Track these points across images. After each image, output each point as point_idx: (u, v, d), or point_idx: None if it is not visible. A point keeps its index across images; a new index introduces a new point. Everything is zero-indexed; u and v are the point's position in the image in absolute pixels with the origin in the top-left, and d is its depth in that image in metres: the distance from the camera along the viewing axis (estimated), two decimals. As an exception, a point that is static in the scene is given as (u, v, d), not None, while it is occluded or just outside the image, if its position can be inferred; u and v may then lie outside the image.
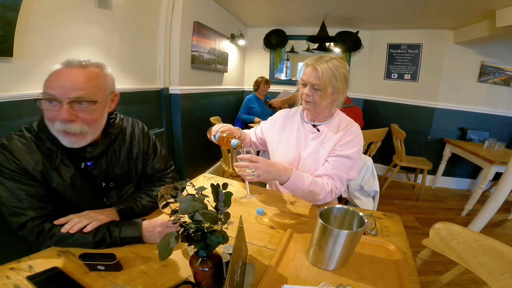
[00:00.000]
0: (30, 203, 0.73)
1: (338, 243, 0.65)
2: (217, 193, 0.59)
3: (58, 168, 0.78)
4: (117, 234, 0.75)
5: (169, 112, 2.46)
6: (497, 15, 2.22)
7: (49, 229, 0.73)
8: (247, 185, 1.06)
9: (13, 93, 1.21)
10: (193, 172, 2.80)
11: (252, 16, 3.43)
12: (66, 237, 0.72)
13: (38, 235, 0.73)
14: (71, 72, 0.73)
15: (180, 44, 2.32)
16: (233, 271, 0.51)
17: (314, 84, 1.00)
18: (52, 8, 1.33)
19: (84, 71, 0.75)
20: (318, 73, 0.98)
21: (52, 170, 0.77)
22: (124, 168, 0.93)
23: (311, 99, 1.03)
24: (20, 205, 0.72)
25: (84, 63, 0.76)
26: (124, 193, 0.95)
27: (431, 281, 0.86)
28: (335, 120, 1.12)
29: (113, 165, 0.90)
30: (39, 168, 0.75)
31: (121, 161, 0.92)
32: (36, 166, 0.75)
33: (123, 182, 0.94)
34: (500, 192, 2.03)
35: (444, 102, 3.26)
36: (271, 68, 4.03)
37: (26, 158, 0.74)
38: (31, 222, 0.73)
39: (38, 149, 0.76)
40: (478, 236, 0.76)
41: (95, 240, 0.73)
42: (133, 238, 0.76)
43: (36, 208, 0.74)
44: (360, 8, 2.80)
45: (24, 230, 0.73)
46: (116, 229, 0.75)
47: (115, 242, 0.74)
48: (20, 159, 0.73)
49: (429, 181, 3.42)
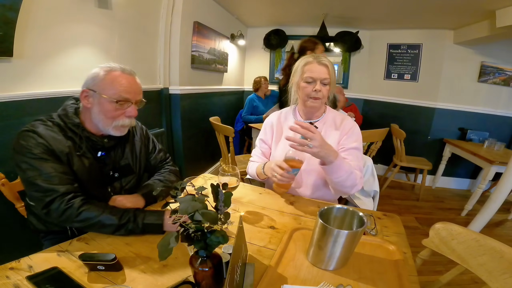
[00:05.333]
0: (60, 179, 0.79)
1: (338, 243, 0.65)
2: (217, 193, 0.59)
3: (82, 154, 0.87)
4: (141, 220, 0.80)
5: (169, 112, 2.46)
6: (497, 15, 2.22)
7: (78, 206, 0.78)
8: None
9: (13, 93, 1.21)
10: (193, 172, 2.80)
11: (252, 16, 3.43)
12: (93, 216, 0.77)
13: (64, 212, 0.77)
14: (134, 79, 0.90)
15: (180, 44, 2.32)
16: (233, 271, 0.51)
17: (324, 79, 1.04)
18: (52, 8, 1.33)
19: (137, 78, 0.92)
20: (328, 68, 1.04)
21: (76, 155, 0.86)
22: (127, 160, 1.02)
23: (321, 95, 1.05)
24: (50, 182, 0.78)
25: (132, 71, 0.92)
26: (126, 183, 1.02)
27: (431, 281, 0.86)
28: (328, 115, 1.14)
29: (119, 157, 0.99)
30: (66, 151, 0.83)
31: (125, 153, 1.01)
32: (63, 148, 0.83)
33: (125, 173, 1.02)
34: (500, 192, 2.03)
35: (444, 102, 3.26)
36: (271, 68, 4.03)
37: (54, 141, 0.82)
38: (60, 197, 0.77)
39: (64, 135, 0.85)
40: (478, 236, 0.76)
41: (120, 223, 0.78)
42: (155, 225, 0.80)
43: (65, 183, 0.80)
44: (360, 8, 2.80)
45: (51, 207, 0.77)
46: (141, 215, 0.81)
47: (136, 228, 0.79)
48: (48, 140, 0.81)
49: (429, 181, 3.42)
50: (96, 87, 0.84)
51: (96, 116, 0.86)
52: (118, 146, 0.99)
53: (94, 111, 0.86)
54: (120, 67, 0.88)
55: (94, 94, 0.84)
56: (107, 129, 0.88)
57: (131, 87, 0.87)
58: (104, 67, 0.86)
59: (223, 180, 0.91)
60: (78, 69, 1.52)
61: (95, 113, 0.86)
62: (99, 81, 0.84)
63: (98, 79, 0.84)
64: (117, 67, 0.87)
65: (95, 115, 0.86)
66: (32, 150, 0.78)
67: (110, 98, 0.84)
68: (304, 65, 1.08)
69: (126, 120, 0.89)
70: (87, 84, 0.86)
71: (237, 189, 0.97)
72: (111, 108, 0.85)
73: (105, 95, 0.83)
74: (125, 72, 0.88)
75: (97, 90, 0.84)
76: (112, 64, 0.88)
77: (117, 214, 0.79)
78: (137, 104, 0.91)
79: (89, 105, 0.86)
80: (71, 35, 1.45)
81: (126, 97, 0.86)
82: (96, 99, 0.85)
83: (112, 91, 0.84)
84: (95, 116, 0.86)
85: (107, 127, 0.87)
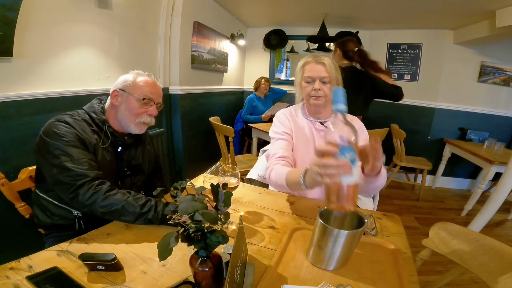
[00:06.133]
0: (90, 165, 0.86)
1: (338, 243, 0.65)
2: (217, 193, 0.59)
3: (105, 147, 0.97)
4: (161, 211, 0.84)
5: (169, 112, 2.46)
6: (497, 15, 2.22)
7: (105, 191, 0.83)
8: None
9: (13, 93, 1.21)
10: (193, 172, 2.80)
11: (252, 16, 3.43)
12: (118, 202, 0.82)
13: (91, 196, 0.82)
14: (157, 83, 1.04)
15: (180, 44, 2.32)
16: (233, 271, 0.51)
17: (323, 78, 1.04)
18: (52, 8, 1.33)
19: (158, 83, 1.05)
20: (326, 66, 1.04)
21: (101, 147, 0.95)
22: (138, 160, 1.11)
23: (322, 94, 1.05)
24: (81, 167, 0.84)
25: (154, 77, 1.05)
26: (136, 181, 1.11)
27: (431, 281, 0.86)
28: (337, 116, 1.12)
29: (132, 156, 1.09)
30: (94, 142, 0.93)
31: (137, 154, 1.11)
32: (91, 139, 0.92)
33: (136, 172, 1.10)
34: (500, 192, 2.03)
35: (444, 102, 3.26)
36: (271, 68, 4.03)
37: (83, 132, 0.91)
38: (89, 182, 0.83)
39: (90, 129, 0.94)
40: (478, 236, 0.77)
41: (141, 211, 0.82)
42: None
43: (94, 169, 0.87)
44: (360, 8, 2.80)
45: (80, 190, 0.82)
46: (162, 206, 0.85)
47: (155, 219, 0.83)
48: (79, 130, 0.90)
49: (429, 181, 3.43)
50: (126, 88, 0.98)
51: (122, 112, 0.98)
52: (133, 146, 1.09)
53: (121, 108, 0.98)
54: (146, 73, 1.03)
55: (124, 94, 0.98)
56: (130, 125, 0.99)
57: (155, 89, 1.02)
58: (133, 72, 1.02)
59: (223, 180, 0.91)
60: (78, 69, 1.52)
61: (121, 110, 0.98)
62: (129, 83, 0.98)
63: (129, 81, 0.99)
64: (144, 73, 1.03)
65: (121, 111, 0.98)
66: (65, 137, 0.86)
67: (136, 96, 0.97)
68: (303, 65, 1.09)
69: (147, 118, 1.01)
70: (117, 85, 0.99)
71: (237, 189, 0.97)
72: (137, 105, 0.98)
73: (133, 94, 0.97)
74: (151, 77, 1.03)
75: (126, 90, 0.98)
76: (139, 71, 1.04)
77: (139, 202, 0.84)
78: (157, 106, 1.04)
79: (117, 103, 0.98)
80: (71, 35, 1.45)
81: (151, 96, 1.00)
82: (124, 98, 0.98)
83: (139, 91, 0.98)
84: (121, 113, 0.98)
85: (130, 124, 0.99)
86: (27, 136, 1.26)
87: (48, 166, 0.86)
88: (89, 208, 0.84)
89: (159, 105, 1.05)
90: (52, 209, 0.96)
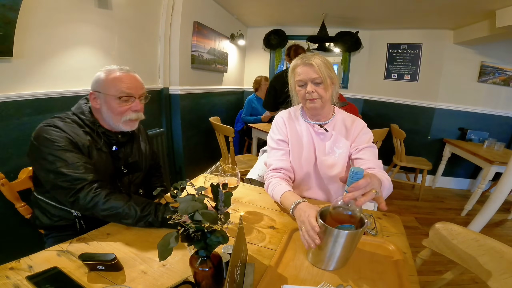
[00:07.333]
0: (85, 168, 0.85)
1: (338, 243, 0.65)
2: (217, 193, 0.59)
3: (100, 148, 0.94)
4: (161, 214, 0.83)
5: (169, 112, 2.46)
6: (497, 15, 2.22)
7: (106, 194, 0.82)
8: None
9: (13, 93, 1.21)
10: (193, 172, 2.80)
11: (252, 16, 3.43)
12: (119, 205, 0.82)
13: (91, 200, 0.81)
14: (132, 76, 0.96)
15: (180, 44, 2.32)
16: (233, 271, 0.51)
17: (314, 79, 0.99)
18: (52, 8, 1.33)
19: (136, 75, 0.98)
20: (314, 67, 0.98)
21: (95, 148, 0.92)
22: (135, 158, 1.08)
23: (316, 95, 1.01)
24: (77, 171, 0.83)
25: (130, 70, 0.97)
26: (134, 179, 1.09)
27: (431, 281, 0.86)
28: (338, 117, 1.11)
29: (128, 153, 1.06)
30: (87, 144, 0.90)
31: (133, 151, 1.08)
32: (84, 141, 0.90)
33: (134, 170, 1.08)
34: (500, 192, 2.03)
35: (444, 102, 3.26)
36: (271, 68, 4.03)
37: (75, 135, 0.88)
38: (88, 185, 0.82)
39: (82, 130, 0.91)
40: (478, 236, 0.77)
41: (141, 214, 0.82)
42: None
43: (91, 172, 0.85)
44: (360, 8, 2.80)
45: (79, 194, 0.81)
46: (162, 209, 0.85)
47: (155, 222, 0.83)
48: (70, 134, 0.87)
49: (429, 181, 3.43)
50: (100, 88, 0.92)
51: (105, 114, 0.94)
52: (128, 144, 1.06)
53: (103, 110, 0.94)
54: (118, 67, 0.95)
55: (100, 95, 0.92)
56: (118, 125, 0.95)
57: (131, 83, 0.94)
58: (104, 69, 0.94)
59: (223, 180, 0.91)
60: (78, 69, 1.52)
61: (104, 112, 0.94)
62: (102, 82, 0.92)
63: (101, 81, 0.92)
64: (116, 67, 0.95)
65: (105, 114, 0.94)
66: (57, 142, 0.83)
67: (113, 95, 0.91)
68: (293, 68, 1.05)
69: (133, 115, 0.96)
70: (92, 87, 0.94)
71: (237, 189, 0.97)
72: (116, 104, 0.92)
73: (109, 93, 0.91)
74: (123, 71, 0.95)
75: (101, 90, 0.92)
76: (111, 66, 0.95)
77: (140, 205, 0.84)
78: (141, 99, 0.98)
79: (98, 105, 0.94)
80: (71, 35, 1.45)
81: (128, 92, 0.93)
82: (102, 99, 0.92)
83: (113, 89, 0.91)
84: (105, 115, 0.94)
85: (118, 123, 0.95)
86: (27, 136, 1.24)
87: (44, 171, 0.84)
88: (91, 211, 0.83)
89: (143, 97, 0.98)
90: (51, 210, 0.96)
